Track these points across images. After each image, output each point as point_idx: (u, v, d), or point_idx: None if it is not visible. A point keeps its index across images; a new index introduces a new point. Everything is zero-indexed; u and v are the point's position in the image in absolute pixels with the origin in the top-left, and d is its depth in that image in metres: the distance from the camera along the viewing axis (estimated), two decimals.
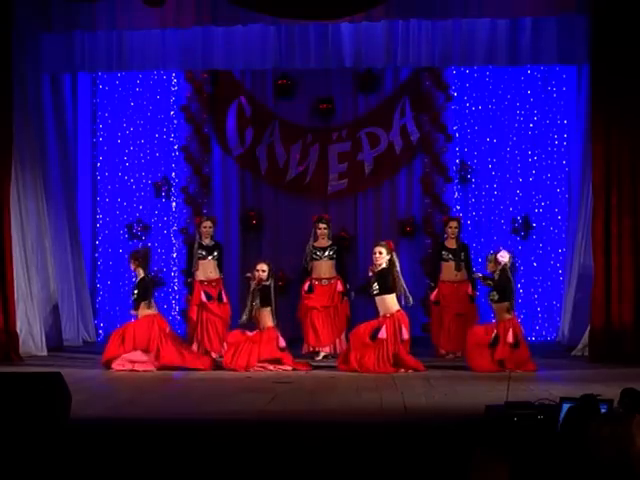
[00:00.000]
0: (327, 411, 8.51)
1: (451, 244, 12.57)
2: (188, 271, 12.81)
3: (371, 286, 11.22)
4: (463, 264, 12.48)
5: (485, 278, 11.53)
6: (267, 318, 11.40)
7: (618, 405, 6.26)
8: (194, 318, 12.53)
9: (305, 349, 12.44)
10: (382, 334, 11.04)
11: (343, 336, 12.52)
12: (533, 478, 4.89)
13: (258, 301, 11.34)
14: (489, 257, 11.40)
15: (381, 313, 11.21)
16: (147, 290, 11.68)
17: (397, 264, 11.26)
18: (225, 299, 12.54)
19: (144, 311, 11.65)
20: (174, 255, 14.86)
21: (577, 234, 12.96)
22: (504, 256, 11.25)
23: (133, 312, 11.84)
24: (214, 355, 12.39)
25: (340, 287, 12.40)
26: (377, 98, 14.82)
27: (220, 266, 12.64)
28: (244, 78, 14.80)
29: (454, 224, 12.63)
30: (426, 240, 14.58)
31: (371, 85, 14.73)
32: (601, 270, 11.81)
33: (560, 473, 4.89)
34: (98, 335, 14.72)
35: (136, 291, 11.71)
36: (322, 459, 6.57)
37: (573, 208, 13.58)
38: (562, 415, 6.03)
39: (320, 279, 12.40)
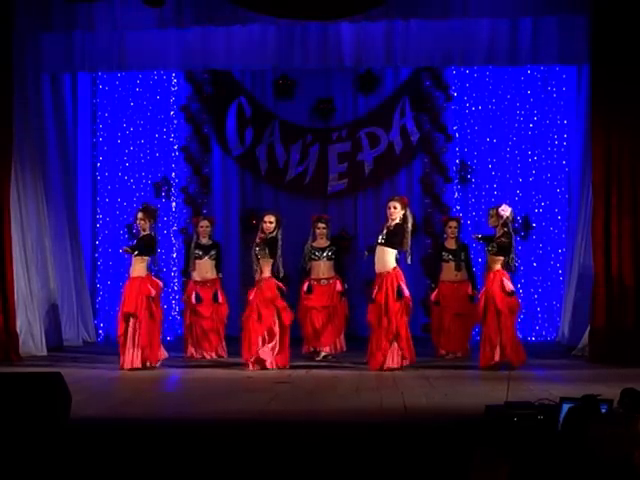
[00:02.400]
0: (327, 411, 8.50)
1: (451, 244, 12.55)
2: (185, 271, 12.82)
3: (381, 236, 11.16)
4: (463, 264, 12.47)
5: (485, 238, 11.57)
6: (267, 270, 11.34)
7: (618, 405, 6.27)
8: (186, 320, 12.59)
9: (305, 349, 12.43)
10: (381, 298, 11.00)
11: (342, 336, 12.52)
12: (533, 478, 4.89)
13: (266, 251, 11.30)
14: (491, 212, 11.37)
15: (377, 267, 11.10)
16: (149, 246, 11.54)
17: (410, 220, 11.21)
18: (221, 299, 12.49)
19: (138, 268, 11.51)
20: (174, 255, 14.88)
21: (577, 234, 12.97)
22: (505, 210, 11.24)
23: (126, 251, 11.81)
24: (207, 357, 12.39)
25: (339, 287, 12.37)
26: (377, 98, 14.85)
27: (218, 266, 12.61)
28: (244, 78, 14.83)
29: (454, 224, 12.61)
30: (426, 240, 14.61)
31: (371, 85, 14.75)
32: (601, 270, 11.80)
33: (560, 473, 4.89)
34: (98, 335, 14.73)
35: (136, 243, 11.61)
36: (322, 459, 6.57)
37: (573, 208, 13.59)
38: (562, 415, 6.03)
39: (319, 279, 12.38)
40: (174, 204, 14.94)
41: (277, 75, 14.68)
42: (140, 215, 11.65)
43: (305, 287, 12.36)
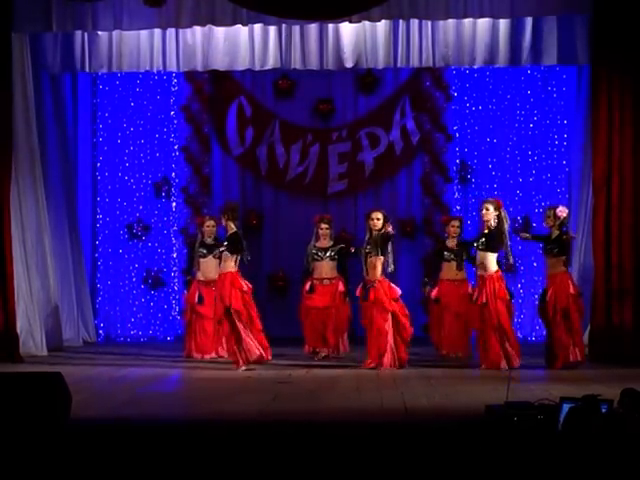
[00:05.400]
0: (327, 411, 8.50)
1: (453, 243, 12.52)
2: (188, 269, 12.80)
3: (478, 240, 11.36)
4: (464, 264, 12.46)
5: (534, 237, 11.85)
6: (378, 269, 11.34)
7: (618, 405, 6.26)
8: (186, 318, 12.62)
9: (306, 349, 12.40)
10: (482, 298, 11.16)
11: (345, 336, 12.48)
12: (534, 478, 4.89)
13: (376, 250, 11.30)
14: (548, 212, 11.46)
15: (478, 271, 11.34)
16: (239, 243, 11.41)
17: (506, 220, 11.37)
18: None
19: (227, 265, 11.40)
20: (174, 255, 14.86)
21: (577, 234, 12.95)
22: (563, 211, 11.33)
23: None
24: (207, 357, 12.37)
25: (341, 287, 12.33)
26: (377, 98, 14.85)
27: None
28: (244, 78, 14.81)
29: (456, 224, 12.58)
30: (426, 240, 14.59)
31: (371, 85, 14.75)
32: (601, 270, 11.82)
33: (560, 473, 4.89)
34: (98, 335, 14.73)
35: (226, 243, 11.41)
36: (322, 459, 6.56)
37: (573, 208, 13.57)
38: (562, 415, 6.03)
39: (321, 279, 12.34)
40: (174, 204, 14.94)
41: (277, 75, 14.66)
42: (222, 217, 11.63)
43: (307, 287, 12.34)
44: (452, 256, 12.41)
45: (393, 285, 11.46)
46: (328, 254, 12.34)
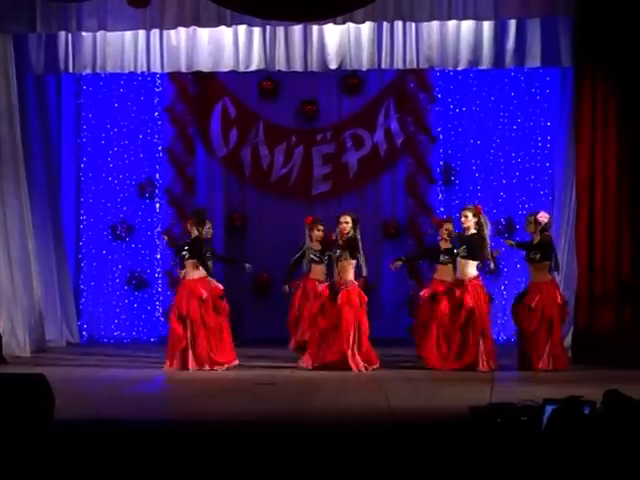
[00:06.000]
0: (311, 413, 8.50)
1: (446, 245, 12.48)
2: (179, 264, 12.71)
3: (459, 248, 11.37)
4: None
5: (519, 244, 11.80)
6: (350, 272, 11.34)
7: (601, 406, 6.28)
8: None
9: (292, 345, 12.32)
10: (470, 302, 11.17)
11: None
12: (517, 479, 4.91)
13: (346, 254, 11.28)
14: (529, 219, 11.48)
15: (457, 274, 11.37)
16: (199, 249, 11.47)
17: (486, 226, 11.35)
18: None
19: (192, 272, 11.48)
20: (158, 256, 14.83)
21: (560, 236, 12.99)
22: (544, 216, 11.34)
23: (179, 272, 11.94)
24: None
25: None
26: (361, 100, 14.86)
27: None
28: (228, 79, 14.79)
29: (449, 226, 12.55)
30: (409, 241, 14.59)
31: (355, 87, 14.76)
32: (584, 271, 11.85)
33: (544, 474, 4.91)
34: (81, 336, 14.69)
35: (187, 248, 11.54)
36: (305, 461, 6.56)
37: (556, 210, 13.61)
38: (545, 416, 6.04)
39: (319, 281, 12.30)
40: (158, 205, 14.90)
41: (261, 76, 14.65)
42: (187, 222, 11.75)
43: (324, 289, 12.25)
44: (449, 259, 12.34)
45: (362, 294, 11.47)
46: (324, 258, 12.28)
